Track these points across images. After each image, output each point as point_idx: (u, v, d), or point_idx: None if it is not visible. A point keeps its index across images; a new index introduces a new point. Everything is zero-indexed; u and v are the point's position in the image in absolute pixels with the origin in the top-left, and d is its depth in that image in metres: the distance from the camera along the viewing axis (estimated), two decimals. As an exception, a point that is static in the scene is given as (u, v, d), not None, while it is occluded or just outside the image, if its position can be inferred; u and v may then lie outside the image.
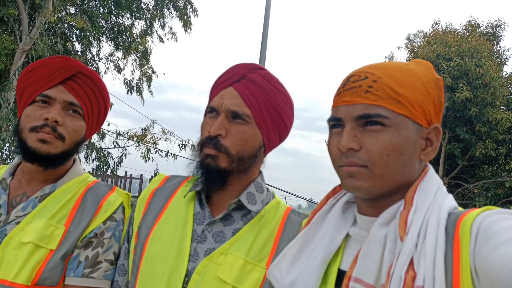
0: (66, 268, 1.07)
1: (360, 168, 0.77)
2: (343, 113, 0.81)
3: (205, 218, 1.05)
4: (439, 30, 14.44)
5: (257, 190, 1.09)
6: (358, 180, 0.77)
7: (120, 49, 11.07)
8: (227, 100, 1.02)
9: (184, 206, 1.09)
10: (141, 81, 11.78)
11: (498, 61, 13.06)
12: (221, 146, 1.00)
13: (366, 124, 0.78)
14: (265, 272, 0.95)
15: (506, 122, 10.98)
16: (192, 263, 0.98)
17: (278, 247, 0.99)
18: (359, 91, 0.79)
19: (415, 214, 0.72)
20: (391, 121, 0.76)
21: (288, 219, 1.06)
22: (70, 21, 8.95)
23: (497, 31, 13.78)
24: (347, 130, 0.79)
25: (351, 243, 0.86)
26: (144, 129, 11.27)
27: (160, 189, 1.16)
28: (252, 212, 1.05)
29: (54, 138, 1.11)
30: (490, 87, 11.24)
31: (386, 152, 0.76)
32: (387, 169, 0.76)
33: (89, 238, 1.10)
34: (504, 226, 0.63)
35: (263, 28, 8.14)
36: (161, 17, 11.26)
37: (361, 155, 0.77)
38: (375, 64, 0.84)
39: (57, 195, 1.15)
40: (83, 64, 1.20)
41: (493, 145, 11.42)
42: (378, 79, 0.79)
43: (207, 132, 1.02)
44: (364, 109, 0.78)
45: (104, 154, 10.17)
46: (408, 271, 0.66)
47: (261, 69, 1.09)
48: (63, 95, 1.13)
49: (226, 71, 1.09)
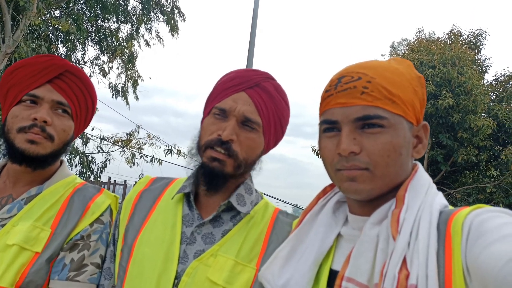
0: (51, 271, 1.04)
1: (362, 171, 0.76)
2: (339, 116, 0.79)
3: (194, 220, 1.04)
4: (423, 38, 14.72)
5: (246, 191, 1.09)
6: (359, 184, 0.76)
7: (106, 53, 10.95)
8: (241, 105, 1.02)
9: (172, 208, 1.08)
10: (126, 85, 11.67)
11: (479, 69, 13.38)
12: (233, 152, 1.00)
13: (364, 126, 0.77)
14: (255, 272, 0.95)
15: (487, 128, 11.21)
16: (182, 265, 0.97)
17: (267, 248, 1.00)
18: (354, 92, 0.78)
19: (407, 213, 0.73)
20: (389, 121, 0.76)
21: (276, 220, 1.07)
22: (55, 24, 8.82)
23: (479, 40, 14.13)
24: (346, 133, 0.77)
25: (343, 242, 0.86)
26: (129, 134, 11.15)
27: (146, 191, 1.15)
28: (241, 214, 1.06)
29: (43, 138, 1.09)
30: (471, 94, 11.47)
31: (387, 153, 0.75)
32: (388, 170, 0.76)
33: (75, 241, 1.08)
34: (495, 224, 0.64)
35: (250, 34, 8.17)
36: (148, 21, 11.19)
37: (362, 158, 0.76)
38: (363, 64, 0.83)
39: (43, 196, 1.13)
40: (70, 62, 1.18)
41: (475, 151, 11.64)
42: (372, 79, 0.78)
43: (216, 134, 1.01)
44: (362, 111, 0.77)
45: (88, 159, 10.02)
46: (401, 270, 0.66)
47: (273, 79, 1.11)
48: (51, 95, 1.11)
49: (238, 75, 1.08)
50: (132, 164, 10.81)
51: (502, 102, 12.29)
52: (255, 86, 1.05)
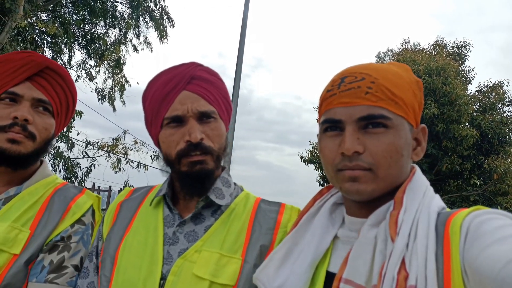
0: (29, 273, 1.00)
1: (364, 172, 0.75)
2: (343, 115, 0.78)
3: (175, 220, 1.03)
4: (408, 49, 14.96)
5: (224, 185, 1.08)
6: (362, 184, 0.75)
7: (93, 57, 10.86)
8: (190, 104, 1.01)
9: (152, 212, 1.07)
10: (113, 90, 11.57)
11: (463, 80, 13.62)
12: (207, 148, 1.00)
13: (367, 126, 0.77)
14: (241, 263, 0.94)
15: (471, 138, 11.39)
16: (167, 265, 0.96)
17: (251, 237, 0.99)
18: (358, 92, 0.77)
19: (405, 214, 0.72)
20: (392, 122, 0.76)
21: (258, 209, 1.06)
22: (42, 27, 8.72)
23: (462, 51, 14.41)
24: (350, 133, 0.76)
25: (340, 244, 0.85)
26: (115, 139, 11.04)
27: (126, 201, 1.14)
28: (222, 207, 1.05)
29: (24, 137, 1.05)
30: (456, 104, 11.67)
31: (390, 154, 0.75)
32: (390, 171, 0.75)
33: (55, 242, 1.04)
34: (494, 226, 0.63)
35: (239, 44, 8.18)
36: (136, 26, 11.16)
37: (365, 158, 0.75)
38: (365, 65, 0.83)
39: (22, 197, 1.09)
40: (50, 58, 1.14)
41: (459, 161, 11.82)
42: (376, 80, 0.78)
43: (183, 142, 0.99)
44: (367, 110, 0.76)
45: (72, 164, 9.87)
46: (400, 271, 0.66)
47: (200, 65, 1.10)
48: (31, 92, 1.08)
49: (169, 77, 1.05)
50: (117, 170, 10.69)
51: (485, 112, 12.52)
52: (192, 80, 1.04)
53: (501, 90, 12.91)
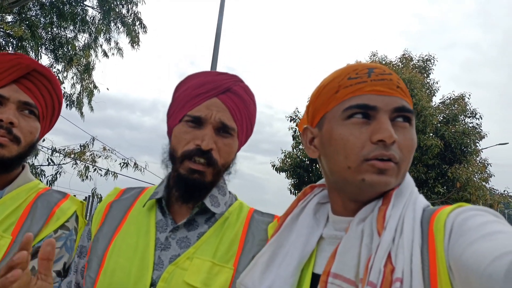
0: None
1: (394, 165, 0.74)
2: (379, 102, 0.75)
3: (168, 225, 1.02)
4: (376, 61, 15.41)
5: (219, 193, 1.08)
6: (388, 177, 0.73)
7: (61, 61, 10.55)
8: (216, 112, 1.01)
9: (144, 215, 1.05)
10: (81, 95, 11.27)
11: (428, 92, 14.15)
12: (214, 160, 0.99)
13: (396, 119, 0.76)
14: (233, 273, 0.94)
15: (435, 148, 11.80)
16: (157, 271, 0.94)
17: (244, 247, 0.99)
18: (391, 84, 0.77)
19: (393, 210, 0.73)
20: (412, 119, 0.78)
21: (252, 219, 1.07)
22: (7, 29, 8.42)
23: (428, 64, 14.99)
24: (386, 121, 0.74)
25: (325, 245, 0.85)
26: (83, 145, 10.72)
27: (116, 201, 1.11)
28: (216, 215, 1.05)
29: (9, 141, 1.03)
30: (421, 115, 12.09)
31: (412, 150, 0.76)
32: (407, 167, 0.77)
33: (37, 248, 1.01)
34: (478, 223, 0.64)
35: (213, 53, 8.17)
36: (107, 31, 10.95)
37: (396, 150, 0.74)
38: (378, 65, 0.84)
39: (4, 202, 1.06)
40: (37, 61, 1.13)
41: (424, 169, 12.21)
42: (398, 77, 0.80)
43: (194, 144, 0.99)
44: (401, 102, 0.77)
45: (37, 172, 9.50)
46: (387, 265, 0.66)
47: (242, 81, 1.11)
48: (17, 95, 1.06)
49: (207, 80, 1.06)
50: (85, 178, 10.36)
51: (449, 123, 13.03)
52: (226, 91, 1.04)
53: (463, 103, 13.50)
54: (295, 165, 13.28)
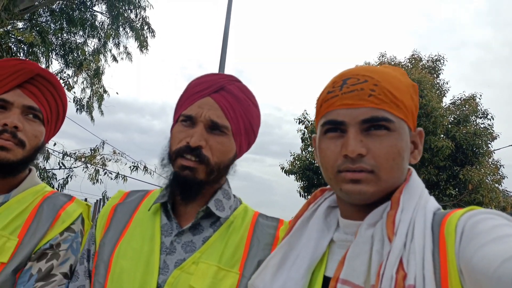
0: (17, 282, 0.98)
1: (366, 174, 0.75)
2: (346, 117, 0.78)
3: (173, 229, 1.02)
4: (385, 62, 15.31)
5: (224, 196, 1.08)
6: (364, 186, 0.75)
7: (71, 66, 10.69)
8: (206, 110, 1.01)
9: (149, 219, 1.05)
10: (91, 100, 11.40)
11: (438, 92, 14.03)
12: (204, 157, 0.98)
13: (370, 129, 0.77)
14: (239, 277, 0.93)
15: (446, 149, 11.69)
16: (162, 276, 0.94)
17: (249, 252, 0.99)
18: (361, 94, 0.78)
19: (402, 214, 0.73)
20: (394, 125, 0.77)
21: (257, 223, 1.06)
22: (18, 36, 8.55)
23: (437, 65, 14.85)
24: (353, 135, 0.77)
25: (335, 248, 0.84)
26: (93, 149, 10.82)
27: (121, 204, 1.11)
28: (221, 219, 1.04)
29: (14, 144, 1.04)
30: (432, 116, 11.99)
31: (392, 156, 0.76)
32: (392, 174, 0.76)
33: (43, 250, 1.02)
34: (489, 226, 0.64)
35: (221, 54, 8.21)
36: (116, 36, 11.06)
37: (368, 160, 0.75)
38: (366, 68, 0.84)
39: (10, 205, 1.07)
40: (41, 66, 1.14)
41: (435, 171, 12.09)
42: (378, 82, 0.78)
43: (185, 142, 0.99)
44: (370, 112, 0.77)
45: (48, 176, 9.61)
46: (399, 271, 0.66)
47: (238, 81, 1.10)
48: (21, 99, 1.07)
49: (203, 80, 1.07)
50: (95, 181, 10.46)
51: (459, 124, 12.89)
52: (220, 90, 1.04)
53: (474, 103, 13.34)
54: (304, 167, 13.25)
